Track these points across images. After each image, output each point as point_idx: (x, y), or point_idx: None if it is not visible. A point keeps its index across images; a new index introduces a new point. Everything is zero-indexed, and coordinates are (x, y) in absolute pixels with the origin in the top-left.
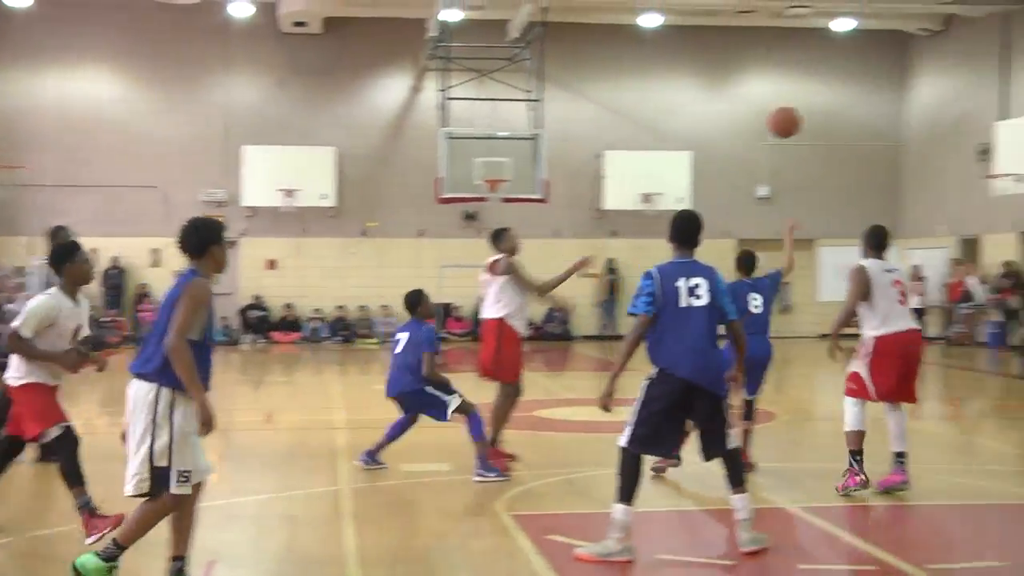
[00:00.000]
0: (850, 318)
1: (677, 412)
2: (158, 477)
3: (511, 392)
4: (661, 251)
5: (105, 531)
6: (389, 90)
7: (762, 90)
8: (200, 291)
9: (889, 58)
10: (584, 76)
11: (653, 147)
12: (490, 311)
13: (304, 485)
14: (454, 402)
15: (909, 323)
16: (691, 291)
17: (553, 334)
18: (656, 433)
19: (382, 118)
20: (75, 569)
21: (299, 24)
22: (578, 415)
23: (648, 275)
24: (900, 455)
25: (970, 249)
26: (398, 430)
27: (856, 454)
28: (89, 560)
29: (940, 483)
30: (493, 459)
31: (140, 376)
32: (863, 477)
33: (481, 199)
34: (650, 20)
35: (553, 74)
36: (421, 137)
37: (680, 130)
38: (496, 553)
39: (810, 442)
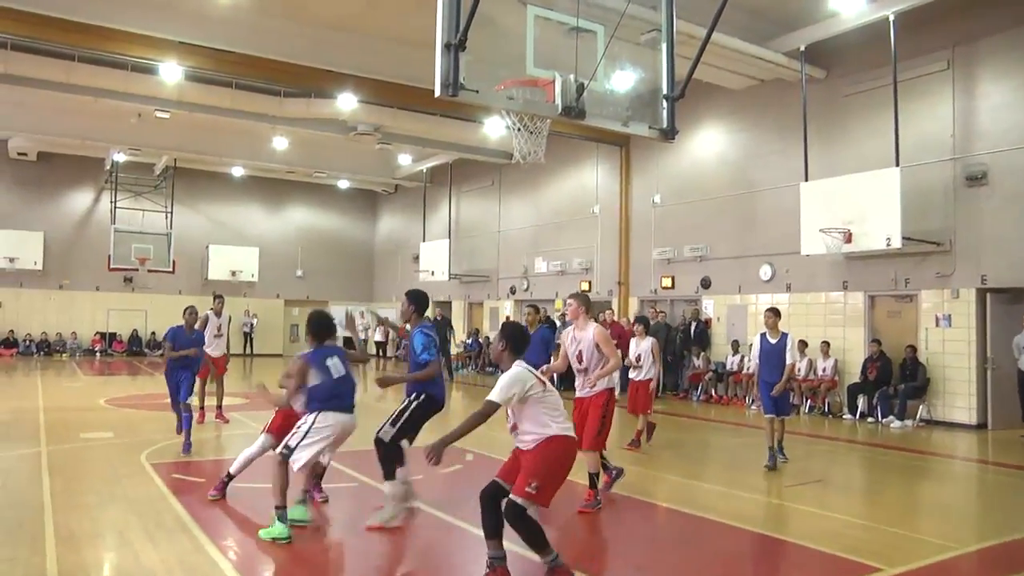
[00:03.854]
0: None
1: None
2: None
3: None
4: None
5: None
6: (79, 199)
7: (305, 216)
8: None
9: (368, 203)
10: (199, 199)
11: (239, 243)
12: None
13: (14, 448)
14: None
15: None
16: None
17: None
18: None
19: (75, 215)
20: None
21: (22, 154)
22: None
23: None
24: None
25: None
26: None
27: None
28: None
29: None
30: None
31: None
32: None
33: (135, 269)
34: (237, 171)
35: (179, 197)
36: (99, 229)
37: (254, 232)
38: (139, 488)
39: None
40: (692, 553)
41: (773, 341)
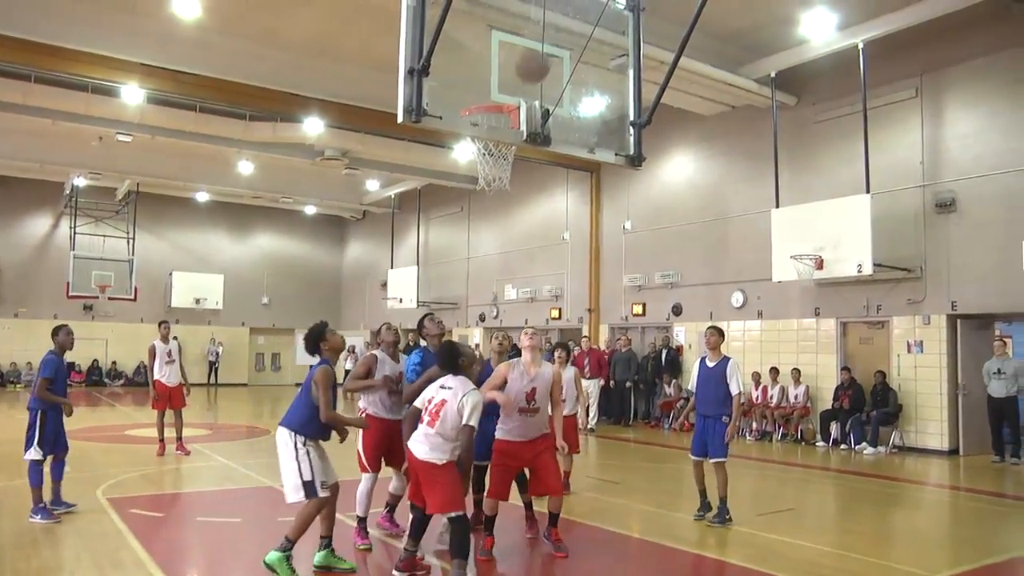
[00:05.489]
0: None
1: None
2: None
3: None
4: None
5: None
6: (36, 224)
7: (271, 242)
8: None
9: (335, 229)
10: (162, 224)
11: (203, 270)
12: None
13: None
14: None
15: None
16: None
17: None
18: None
19: (32, 241)
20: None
21: None
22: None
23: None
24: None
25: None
26: None
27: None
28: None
29: None
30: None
31: None
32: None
33: (95, 297)
34: (201, 196)
35: (142, 222)
36: (58, 255)
37: (219, 259)
38: (94, 525)
39: None
40: None
41: (711, 365)
